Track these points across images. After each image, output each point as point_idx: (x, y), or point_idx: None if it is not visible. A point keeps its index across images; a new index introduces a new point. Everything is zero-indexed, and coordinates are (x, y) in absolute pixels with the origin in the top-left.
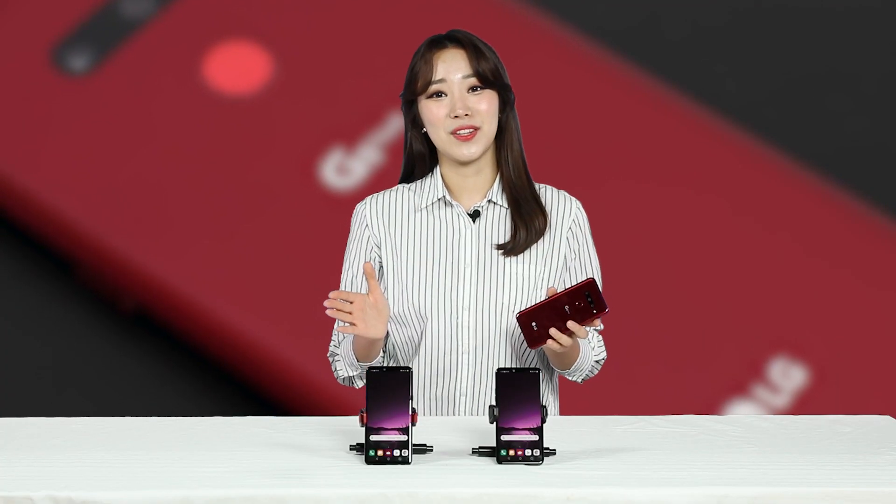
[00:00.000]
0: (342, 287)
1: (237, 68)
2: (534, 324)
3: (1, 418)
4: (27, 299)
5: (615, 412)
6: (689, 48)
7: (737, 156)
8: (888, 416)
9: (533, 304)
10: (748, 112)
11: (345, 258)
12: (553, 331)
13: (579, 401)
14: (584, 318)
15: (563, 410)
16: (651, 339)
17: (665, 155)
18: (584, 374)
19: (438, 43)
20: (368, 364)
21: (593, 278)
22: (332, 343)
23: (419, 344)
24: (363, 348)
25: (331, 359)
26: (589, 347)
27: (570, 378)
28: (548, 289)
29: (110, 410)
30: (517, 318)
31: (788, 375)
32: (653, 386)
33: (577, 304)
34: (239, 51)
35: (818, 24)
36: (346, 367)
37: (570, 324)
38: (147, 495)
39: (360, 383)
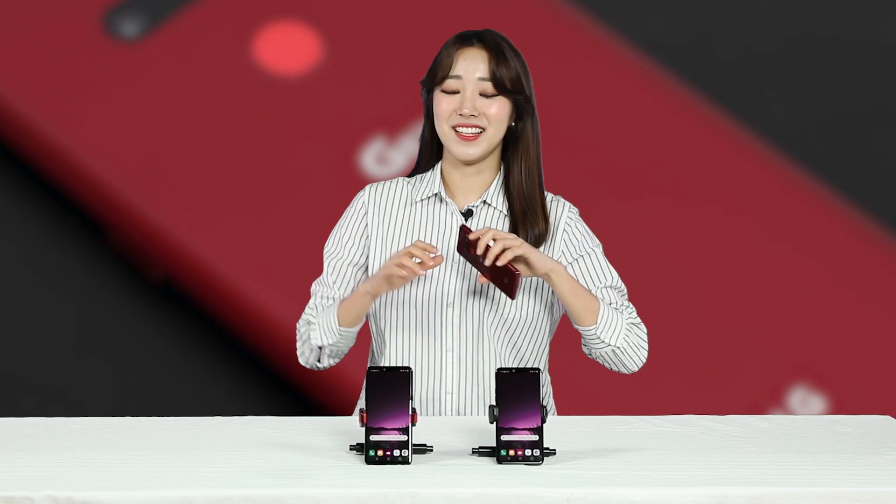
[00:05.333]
0: (330, 264)
1: (286, 49)
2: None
3: (1, 418)
4: (56, 259)
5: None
6: (740, 71)
7: (777, 182)
8: (888, 416)
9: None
10: (792, 139)
11: (332, 238)
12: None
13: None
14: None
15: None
16: (670, 356)
17: (703, 173)
18: (620, 338)
19: (466, 39)
20: (350, 331)
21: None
22: (303, 318)
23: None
24: (362, 308)
25: (302, 332)
26: (611, 308)
27: (607, 343)
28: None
29: (128, 378)
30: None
31: (808, 405)
32: (667, 402)
33: (468, 239)
34: (290, 31)
35: (870, 58)
36: (321, 335)
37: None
38: (147, 495)
39: (325, 362)
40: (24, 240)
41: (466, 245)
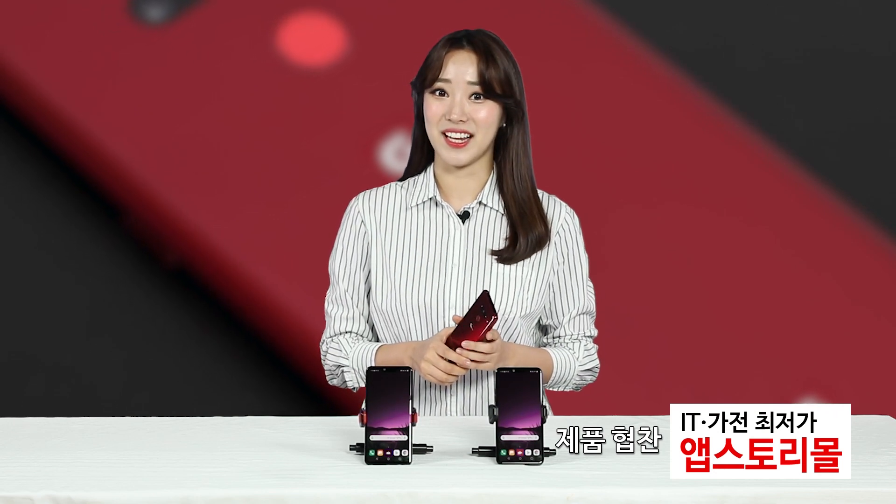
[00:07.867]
0: (343, 282)
1: (311, 39)
2: (458, 350)
3: (1, 418)
4: (72, 241)
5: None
6: (760, 80)
7: (792, 192)
8: (888, 416)
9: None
10: (810, 150)
11: (337, 254)
12: (456, 354)
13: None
14: (482, 330)
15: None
16: (677, 362)
17: (719, 181)
18: (570, 386)
19: (456, 42)
20: None
21: (487, 290)
22: (330, 351)
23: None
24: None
25: (331, 367)
26: (572, 358)
27: (556, 389)
28: (453, 316)
29: (138, 361)
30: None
31: None
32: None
33: (477, 318)
34: (315, 22)
35: (891, 74)
36: (358, 378)
37: (465, 342)
38: (147, 495)
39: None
40: (41, 220)
41: (482, 311)
